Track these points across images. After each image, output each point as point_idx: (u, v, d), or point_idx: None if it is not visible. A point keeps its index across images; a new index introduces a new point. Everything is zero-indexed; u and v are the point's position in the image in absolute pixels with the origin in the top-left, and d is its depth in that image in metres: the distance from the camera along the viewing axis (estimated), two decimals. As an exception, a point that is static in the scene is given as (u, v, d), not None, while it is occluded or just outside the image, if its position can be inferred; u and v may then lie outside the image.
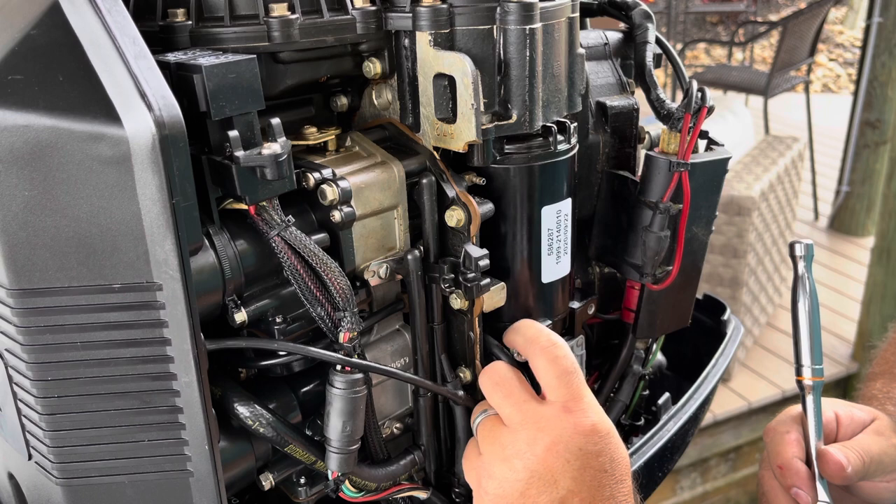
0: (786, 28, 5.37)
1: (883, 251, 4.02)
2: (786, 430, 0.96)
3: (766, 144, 4.35)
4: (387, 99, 0.81)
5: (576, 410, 0.73)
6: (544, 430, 0.72)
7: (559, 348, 0.76)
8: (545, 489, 0.71)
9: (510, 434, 0.74)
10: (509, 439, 0.73)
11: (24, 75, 0.59)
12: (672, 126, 0.84)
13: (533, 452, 0.72)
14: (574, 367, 0.76)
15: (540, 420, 0.73)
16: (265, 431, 0.73)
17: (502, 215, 0.81)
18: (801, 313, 0.97)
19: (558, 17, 0.76)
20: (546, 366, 0.75)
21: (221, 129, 0.65)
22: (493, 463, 0.74)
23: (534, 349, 0.77)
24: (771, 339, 4.23)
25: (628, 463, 0.75)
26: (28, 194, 0.59)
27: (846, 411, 0.99)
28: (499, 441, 0.74)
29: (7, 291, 0.62)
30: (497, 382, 0.77)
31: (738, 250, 3.71)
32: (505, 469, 0.73)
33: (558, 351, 0.76)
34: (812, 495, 0.91)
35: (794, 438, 0.94)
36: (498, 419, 0.76)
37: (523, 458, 0.72)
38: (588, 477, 0.71)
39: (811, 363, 0.96)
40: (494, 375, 0.78)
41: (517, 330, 0.81)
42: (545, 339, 0.77)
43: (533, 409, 0.74)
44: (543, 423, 0.73)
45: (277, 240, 0.69)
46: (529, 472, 0.71)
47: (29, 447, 0.70)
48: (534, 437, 0.72)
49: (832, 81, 9.25)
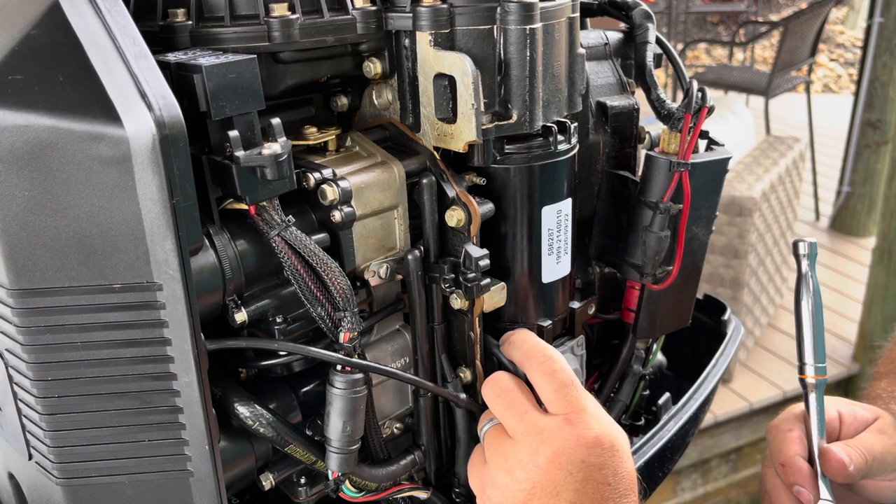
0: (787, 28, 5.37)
1: (884, 251, 4.01)
2: (789, 428, 0.96)
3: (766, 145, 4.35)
4: (387, 99, 0.81)
5: (578, 423, 0.73)
6: (547, 441, 0.72)
7: (555, 362, 0.76)
8: (547, 501, 0.71)
9: (513, 445, 0.74)
10: (512, 450, 0.73)
11: (25, 75, 0.59)
12: (672, 126, 0.84)
13: (535, 463, 0.72)
14: (571, 380, 0.75)
15: (542, 431, 0.73)
16: (265, 431, 0.73)
17: (502, 215, 0.81)
18: (804, 311, 0.97)
19: (558, 17, 0.76)
20: (543, 380, 0.75)
21: (222, 129, 0.65)
22: (497, 472, 0.74)
23: (530, 364, 0.77)
24: (772, 339, 4.22)
25: (634, 477, 0.74)
26: (28, 194, 0.59)
27: (849, 410, 0.99)
28: (502, 451, 0.74)
29: (7, 291, 0.62)
30: (499, 394, 0.77)
31: (739, 251, 3.70)
32: (508, 479, 0.73)
33: (554, 365, 0.76)
34: (814, 493, 0.91)
35: (796, 436, 0.94)
36: (502, 429, 0.76)
37: (526, 469, 0.72)
38: (591, 490, 0.71)
39: (814, 361, 0.96)
40: (496, 386, 0.78)
41: (513, 343, 0.80)
42: (540, 354, 0.77)
43: (535, 421, 0.74)
44: (546, 435, 0.72)
45: (278, 240, 0.69)
46: (532, 483, 0.71)
47: (29, 447, 0.70)
48: (536, 449, 0.72)
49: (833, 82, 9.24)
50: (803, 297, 0.97)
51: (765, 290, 4.10)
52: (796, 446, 0.94)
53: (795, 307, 0.98)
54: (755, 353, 4.12)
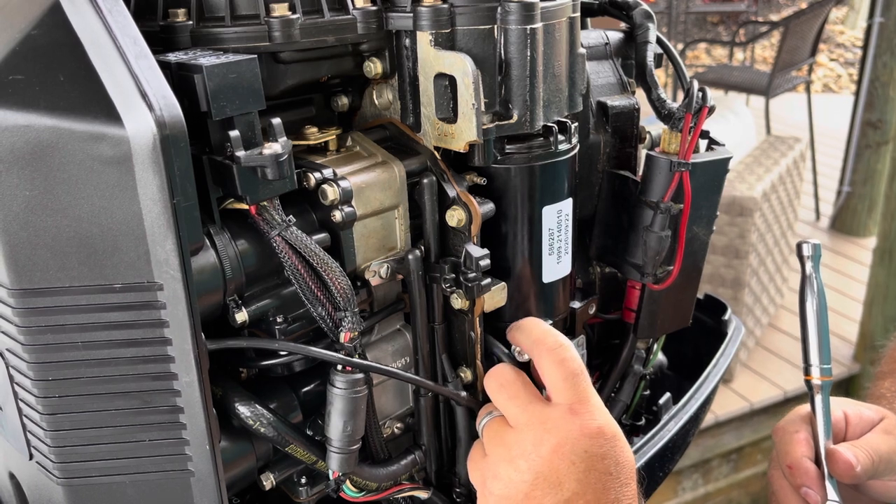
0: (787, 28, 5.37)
1: (885, 252, 4.01)
2: (795, 429, 0.96)
3: (767, 145, 4.35)
4: (387, 99, 0.81)
5: (582, 412, 0.73)
6: (550, 431, 0.72)
7: (566, 350, 0.76)
8: (550, 491, 0.71)
9: (515, 435, 0.74)
10: (514, 440, 0.73)
11: (25, 75, 0.59)
12: (673, 126, 0.84)
13: (538, 454, 0.71)
14: (581, 369, 0.75)
15: (546, 421, 0.73)
16: (266, 431, 0.73)
17: (503, 215, 0.81)
18: (809, 313, 0.97)
19: (559, 16, 0.76)
20: (552, 368, 0.75)
21: (222, 129, 0.65)
22: (499, 464, 0.74)
23: (540, 350, 0.77)
24: (773, 339, 4.22)
25: (634, 466, 0.74)
26: (29, 194, 0.59)
27: (855, 410, 0.99)
28: (504, 442, 0.74)
29: (8, 291, 0.62)
30: (502, 384, 0.77)
31: (739, 251, 3.70)
32: (510, 470, 0.72)
33: (565, 353, 0.75)
34: (822, 494, 0.91)
35: (803, 438, 0.94)
36: (503, 420, 0.76)
37: (528, 459, 0.72)
38: (593, 479, 0.71)
39: (819, 363, 0.96)
40: (499, 377, 0.77)
41: (522, 329, 0.80)
42: (552, 341, 0.77)
43: (539, 411, 0.73)
44: (549, 425, 0.72)
45: (278, 240, 0.69)
46: (534, 474, 0.71)
47: (30, 447, 0.70)
48: (539, 439, 0.72)
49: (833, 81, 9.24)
50: (808, 299, 0.97)
51: (765, 290, 4.10)
52: (803, 448, 0.94)
53: (800, 309, 0.98)
54: (756, 353, 4.12)
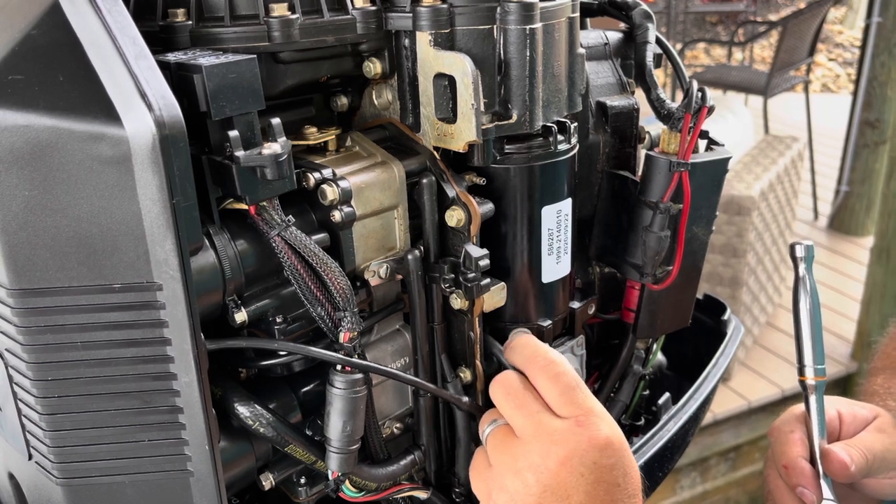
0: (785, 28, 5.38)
1: (882, 251, 4.02)
2: (790, 429, 0.96)
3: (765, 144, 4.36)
4: (387, 99, 0.81)
5: (588, 424, 0.72)
6: (558, 443, 0.71)
7: (558, 365, 0.75)
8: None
9: (522, 446, 0.72)
10: (521, 451, 0.72)
11: (25, 75, 0.59)
12: (672, 126, 0.84)
13: (546, 466, 0.70)
14: (576, 382, 0.74)
15: (554, 433, 0.71)
16: (265, 431, 0.73)
17: (502, 215, 0.81)
18: (802, 314, 0.97)
19: (558, 17, 0.76)
20: (548, 384, 0.74)
21: (222, 129, 0.65)
22: (505, 475, 0.72)
23: (533, 368, 0.76)
24: (771, 338, 4.23)
25: (639, 477, 0.74)
26: (28, 194, 0.59)
27: (848, 409, 0.99)
28: (510, 453, 0.73)
29: (7, 291, 0.62)
30: (508, 392, 0.75)
31: (737, 250, 3.71)
32: (517, 482, 0.71)
33: (557, 368, 0.75)
34: (817, 494, 0.91)
35: (798, 438, 0.95)
36: (509, 430, 0.75)
37: (536, 471, 0.71)
38: (601, 491, 0.70)
39: (813, 363, 0.96)
40: (506, 385, 0.76)
41: (513, 348, 0.80)
42: (542, 358, 0.76)
43: (547, 422, 0.72)
44: (557, 437, 0.71)
45: (277, 240, 0.69)
46: (542, 487, 0.70)
47: (29, 447, 0.70)
48: (547, 451, 0.71)
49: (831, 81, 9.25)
50: (801, 300, 0.97)
51: (763, 289, 4.10)
52: (798, 448, 0.94)
53: (794, 310, 0.98)
54: (754, 351, 4.13)
